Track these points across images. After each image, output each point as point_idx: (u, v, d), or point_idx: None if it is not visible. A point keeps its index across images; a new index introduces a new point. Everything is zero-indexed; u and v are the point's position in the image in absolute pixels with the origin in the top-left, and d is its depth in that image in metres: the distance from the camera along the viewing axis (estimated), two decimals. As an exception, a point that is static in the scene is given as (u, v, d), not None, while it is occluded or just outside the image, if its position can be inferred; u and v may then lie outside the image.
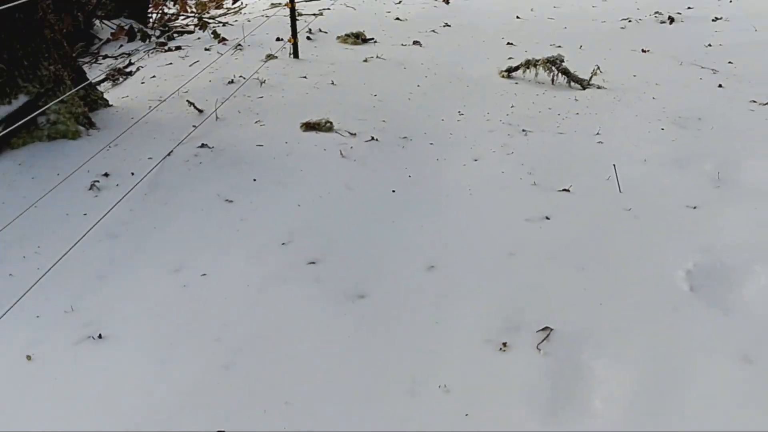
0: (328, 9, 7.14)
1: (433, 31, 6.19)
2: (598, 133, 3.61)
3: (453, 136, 3.72)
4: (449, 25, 6.40)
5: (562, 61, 4.52)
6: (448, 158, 3.44)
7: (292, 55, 5.29)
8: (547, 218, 2.76)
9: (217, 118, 3.85)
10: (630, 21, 6.16)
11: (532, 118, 3.94)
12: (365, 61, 5.15)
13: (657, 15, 6.18)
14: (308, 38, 5.82)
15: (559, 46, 5.54)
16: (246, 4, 8.62)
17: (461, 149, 3.53)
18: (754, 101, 3.95)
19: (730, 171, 3.06)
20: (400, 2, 7.50)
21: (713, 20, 5.99)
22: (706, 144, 3.40)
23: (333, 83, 4.56)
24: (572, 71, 4.48)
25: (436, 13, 7.04)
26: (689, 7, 6.65)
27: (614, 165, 3.02)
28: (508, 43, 5.70)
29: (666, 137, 3.51)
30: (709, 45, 5.30)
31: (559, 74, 4.51)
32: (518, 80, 4.69)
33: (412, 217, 2.82)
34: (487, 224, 2.74)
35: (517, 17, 6.68)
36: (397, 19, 6.66)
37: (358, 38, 5.80)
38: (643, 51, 5.21)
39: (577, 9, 7.02)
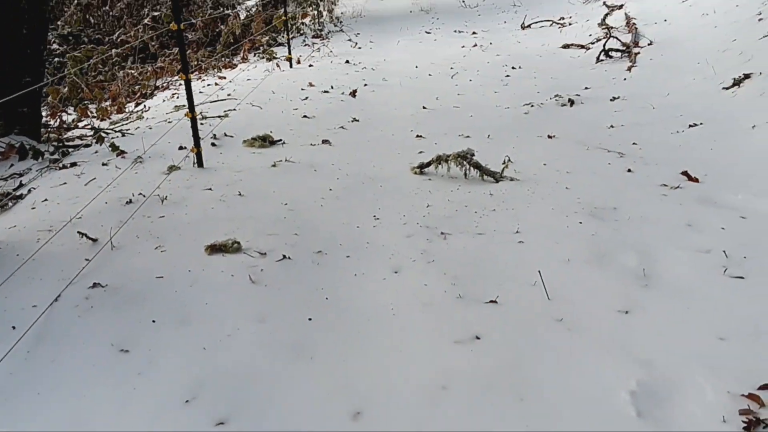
0: (234, 110, 6.98)
1: (342, 127, 6.10)
2: (517, 232, 3.51)
3: (370, 245, 3.53)
4: (357, 120, 6.34)
5: (473, 155, 4.47)
6: (366, 272, 3.23)
7: (196, 165, 5.05)
8: (478, 338, 2.57)
9: (112, 247, 3.53)
10: (532, 106, 6.26)
11: (449, 218, 3.81)
12: (274, 165, 4.96)
13: (557, 98, 6.33)
14: (213, 144, 5.60)
15: (468, 136, 5.55)
16: (149, 108, 8.37)
17: (379, 260, 3.33)
18: (665, 185, 3.98)
19: (654, 266, 2.99)
20: (306, 98, 7.43)
21: (611, 100, 6.17)
22: (626, 236, 3.34)
23: (240, 194, 4.34)
24: (484, 164, 4.43)
25: (343, 107, 6.98)
26: (586, 87, 6.86)
27: (539, 271, 2.89)
28: (418, 136, 5.65)
29: (585, 231, 3.43)
30: (611, 126, 5.41)
31: (471, 168, 4.44)
32: (431, 176, 4.59)
33: (332, 350, 2.57)
34: (415, 352, 2.52)
35: (424, 107, 6.70)
36: (305, 116, 6.55)
37: (266, 141, 5.63)
38: (549, 137, 5.26)
39: (480, 96, 7.13)
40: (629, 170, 4.32)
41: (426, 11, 16.68)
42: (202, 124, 6.34)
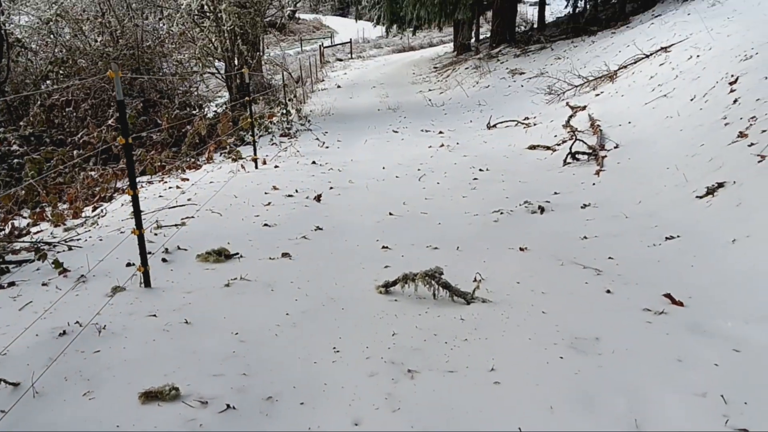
0: (193, 217, 6.65)
1: (305, 237, 5.79)
2: (492, 369, 3.16)
3: (328, 387, 3.14)
4: (321, 228, 6.04)
5: (441, 273, 4.17)
6: (322, 424, 2.83)
7: (142, 285, 4.66)
8: None
9: (35, 393, 3.09)
10: (502, 213, 6.05)
11: (417, 351, 3.45)
12: (227, 285, 4.59)
13: (527, 205, 6.13)
14: (164, 260, 5.23)
15: (436, 248, 5.27)
16: (105, 212, 8.01)
17: (338, 408, 2.94)
18: (648, 309, 3.70)
19: (647, 413, 2.65)
20: (269, 204, 7.15)
21: (582, 207, 5.99)
22: (612, 375, 3.01)
23: (187, 321, 3.94)
24: (453, 284, 4.12)
25: (307, 214, 6.71)
26: (556, 193, 6.70)
27: (519, 429, 2.52)
28: (384, 247, 5.36)
29: (567, 369, 3.10)
30: (585, 237, 5.19)
31: (440, 288, 4.13)
32: (398, 296, 4.26)
33: None
34: None
35: (391, 213, 6.44)
36: (266, 225, 6.24)
37: (221, 255, 5.28)
38: (521, 249, 5.00)
39: (449, 200, 6.93)
40: (608, 291, 4.04)
41: (393, 110, 16.88)
42: (155, 234, 6.00)
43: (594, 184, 6.81)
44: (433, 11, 25.10)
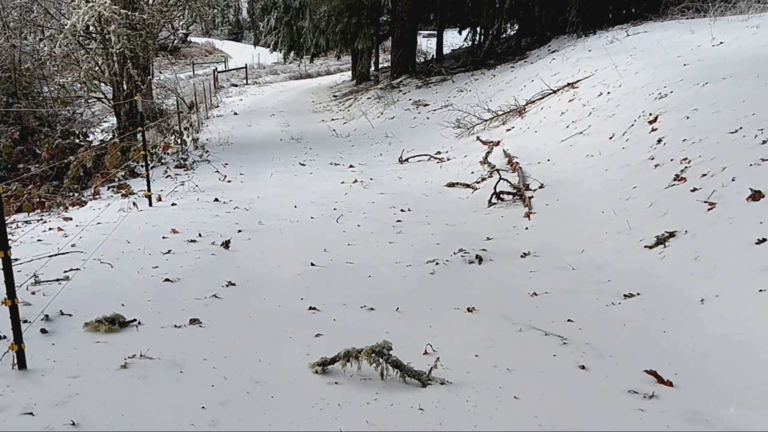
0: (78, 269, 5.67)
1: (215, 295, 4.99)
2: (474, 487, 2.54)
3: None
4: (233, 284, 5.26)
5: (390, 349, 3.53)
6: None
7: (16, 366, 3.73)
8: None
9: None
10: (437, 263, 5.50)
11: (373, 461, 2.77)
12: (124, 366, 3.74)
13: (463, 254, 5.62)
14: (43, 331, 4.28)
15: (372, 309, 4.63)
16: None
17: None
18: (634, 391, 3.22)
19: None
20: (169, 252, 6.26)
21: (522, 256, 5.54)
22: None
23: (73, 424, 3.08)
24: (404, 362, 3.48)
25: (215, 264, 5.89)
26: (488, 238, 6.25)
27: None
28: (311, 308, 4.66)
29: (567, 484, 2.53)
30: (534, 294, 4.71)
31: (390, 367, 3.48)
32: (337, 377, 3.58)
33: None
34: None
35: (312, 264, 5.75)
36: (167, 279, 5.38)
37: (114, 323, 4.40)
38: (469, 310, 4.45)
39: (374, 247, 6.32)
40: (582, 367, 3.54)
41: (297, 140, 16.18)
42: (33, 293, 5.01)
43: (527, 228, 6.41)
44: (333, 39, 24.73)
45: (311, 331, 4.22)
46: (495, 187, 7.74)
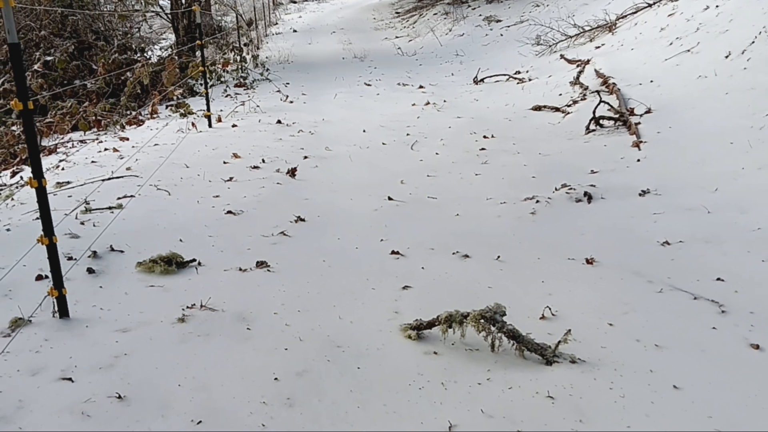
0: (133, 196, 5.11)
1: (283, 233, 4.35)
2: None
3: None
4: (303, 219, 4.61)
5: (504, 314, 2.81)
6: None
7: (56, 315, 3.19)
8: None
9: None
10: (537, 201, 4.70)
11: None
12: (182, 320, 3.16)
13: (568, 190, 4.80)
14: (90, 270, 3.72)
15: (467, 256, 3.91)
16: (24, 182, 6.37)
17: None
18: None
19: None
20: (231, 179, 5.64)
21: (641, 195, 4.70)
22: None
23: (119, 396, 2.51)
24: (524, 333, 2.76)
25: (281, 195, 5.24)
26: (593, 171, 5.37)
27: None
28: (394, 252, 3.99)
29: None
30: (666, 243, 3.90)
31: (503, 337, 2.77)
32: (436, 345, 2.90)
33: None
34: None
35: (390, 198, 5.03)
36: (230, 212, 4.76)
37: (171, 264, 3.81)
38: (589, 262, 3.68)
39: (458, 179, 5.55)
40: (756, 346, 2.76)
41: (360, 59, 15.23)
42: (83, 224, 4.47)
43: (638, 160, 5.51)
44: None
45: (397, 282, 3.54)
46: (594, 112, 6.78)
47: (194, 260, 3.90)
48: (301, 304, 3.32)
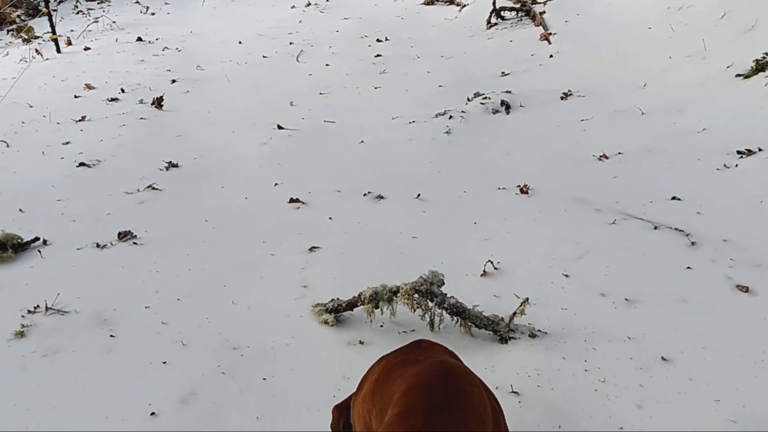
0: (-45, 155, 4.11)
1: (152, 186, 3.60)
2: None
3: None
4: (176, 165, 3.80)
5: (442, 283, 2.21)
6: None
7: None
8: None
9: None
10: (450, 117, 4.09)
11: None
12: (20, 334, 2.39)
13: (482, 101, 4.21)
14: None
15: (381, 196, 3.26)
16: None
17: None
18: None
19: None
20: (84, 119, 4.66)
21: (562, 98, 4.16)
22: None
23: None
24: (467, 303, 2.18)
25: (146, 133, 4.37)
26: (504, 73, 4.77)
27: None
28: (293, 200, 3.28)
29: None
30: (603, 156, 3.38)
31: (445, 314, 2.19)
32: (360, 330, 2.32)
33: None
34: None
35: (280, 127, 4.27)
36: (83, 164, 3.88)
37: (6, 249, 2.98)
38: (523, 191, 3.12)
39: (356, 96, 4.82)
40: (744, 288, 2.30)
41: (228, -43, 13.66)
42: None
43: (551, 56, 4.94)
44: None
45: (301, 242, 2.86)
46: (494, 2, 6.10)
47: (37, 239, 3.05)
48: (181, 289, 2.60)
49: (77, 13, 9.47)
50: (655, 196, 2.93)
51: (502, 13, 6.03)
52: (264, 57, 5.99)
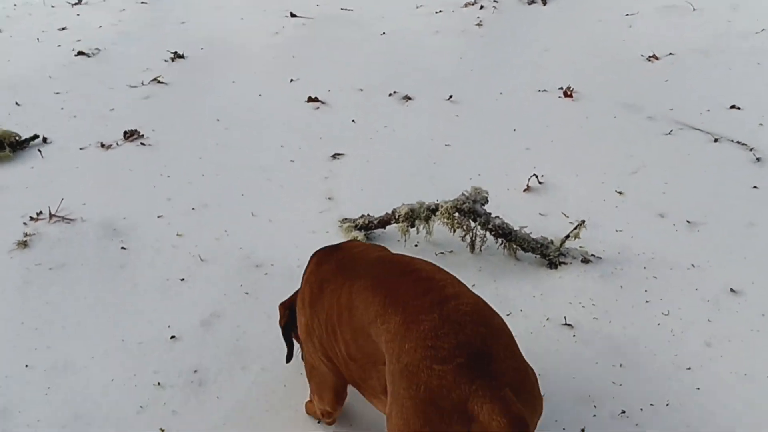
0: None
1: (157, 80, 3.31)
2: None
3: None
4: (182, 56, 3.52)
5: (485, 201, 2.01)
6: None
7: None
8: None
9: None
10: (482, 7, 3.75)
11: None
12: (23, 243, 2.21)
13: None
14: None
15: (408, 97, 2.98)
16: None
17: None
18: None
19: None
20: (80, 1, 4.28)
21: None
22: None
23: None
24: (516, 228, 1.98)
25: (148, 18, 4.03)
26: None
27: None
28: (311, 99, 3.01)
29: None
30: (653, 57, 3.07)
31: (487, 234, 1.99)
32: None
33: None
34: None
35: (293, 15, 3.92)
36: (82, 53, 3.58)
37: (3, 147, 2.75)
38: (567, 94, 2.85)
39: None
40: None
41: None
42: None
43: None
44: None
45: (323, 147, 2.64)
46: None
47: (36, 137, 2.82)
48: (196, 196, 2.39)
49: None
50: (711, 103, 2.67)
51: None
52: None
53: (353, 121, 2.82)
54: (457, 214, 1.99)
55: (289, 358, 1.60)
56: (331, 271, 1.41)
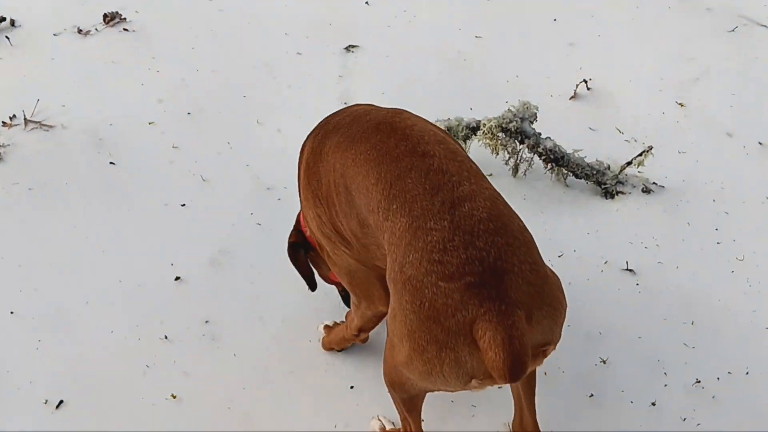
0: None
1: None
2: None
3: None
4: None
5: (534, 118, 1.73)
6: None
7: None
8: None
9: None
10: None
11: None
12: (-4, 160, 1.91)
13: None
14: None
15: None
16: None
17: None
18: None
19: None
20: None
21: None
22: None
23: None
24: (570, 151, 1.72)
25: None
26: None
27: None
28: None
29: None
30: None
31: (535, 157, 1.74)
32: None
33: None
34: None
35: None
36: None
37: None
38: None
39: None
40: None
41: None
42: None
43: None
44: None
45: (335, 37, 2.33)
46: None
47: (3, 19, 2.43)
48: (191, 98, 2.10)
49: None
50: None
51: None
52: None
53: (366, 2, 2.44)
54: (501, 134, 1.71)
55: (312, 286, 1.43)
56: (325, 135, 1.24)
